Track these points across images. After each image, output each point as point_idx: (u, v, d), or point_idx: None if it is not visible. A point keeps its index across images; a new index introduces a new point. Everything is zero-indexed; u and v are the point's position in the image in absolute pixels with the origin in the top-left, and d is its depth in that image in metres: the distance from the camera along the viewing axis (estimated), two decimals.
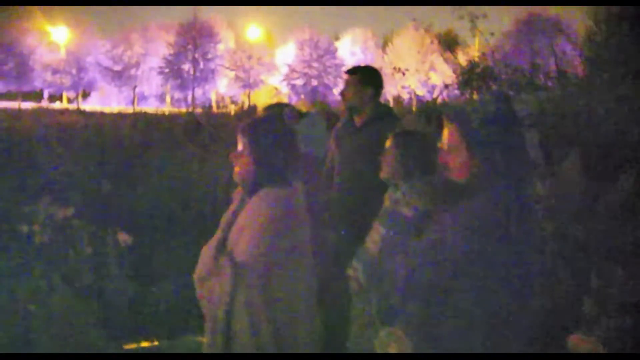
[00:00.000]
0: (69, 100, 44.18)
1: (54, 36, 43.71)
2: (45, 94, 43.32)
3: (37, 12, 40.37)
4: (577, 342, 1.34)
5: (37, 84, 42.73)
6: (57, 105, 34.86)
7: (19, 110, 21.77)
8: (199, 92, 43.51)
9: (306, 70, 44.40)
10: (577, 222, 2.66)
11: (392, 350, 1.73)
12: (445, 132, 1.48)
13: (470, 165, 1.42)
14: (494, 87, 4.48)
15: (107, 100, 44.11)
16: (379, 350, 1.57)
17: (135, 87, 43.37)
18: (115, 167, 5.24)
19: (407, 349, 1.42)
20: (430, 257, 1.37)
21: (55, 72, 42.23)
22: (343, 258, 2.43)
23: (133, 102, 42.29)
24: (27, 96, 40.50)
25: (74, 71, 42.50)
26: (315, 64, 44.44)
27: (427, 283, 1.36)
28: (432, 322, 1.38)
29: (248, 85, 43.84)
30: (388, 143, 2.33)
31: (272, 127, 1.88)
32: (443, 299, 1.35)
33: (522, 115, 1.42)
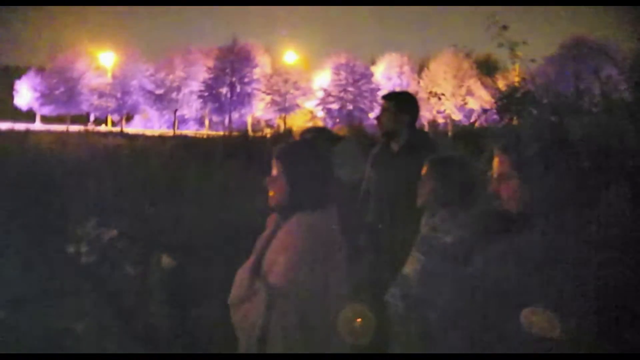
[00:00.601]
0: (114, 123, 46.00)
1: (102, 61, 45.93)
2: (92, 117, 45.27)
3: (86, 38, 42.63)
4: (530, 315, 1.28)
5: (84, 107, 44.75)
6: (102, 128, 36.33)
7: (67, 133, 22.79)
8: (235, 115, 44.51)
9: (342, 94, 44.81)
10: (625, 253, 2.54)
11: (357, 325, 1.70)
12: (496, 161, 1.47)
13: (522, 195, 1.40)
14: (535, 112, 4.38)
15: (149, 123, 45.71)
16: (343, 328, 1.56)
17: (176, 110, 44.75)
18: (156, 189, 5.37)
19: (371, 322, 1.39)
20: (475, 287, 1.35)
21: (101, 95, 44.17)
22: (380, 284, 2.39)
23: (174, 125, 43.62)
24: (74, 119, 42.45)
25: (119, 95, 44.30)
26: (351, 89, 44.82)
27: (471, 312, 1.33)
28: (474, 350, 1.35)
29: (284, 109, 44.54)
30: (424, 170, 2.30)
31: (307, 151, 1.89)
32: (487, 329, 1.31)
33: (574, 141, 1.40)
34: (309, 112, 45.61)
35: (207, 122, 47.03)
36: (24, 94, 44.76)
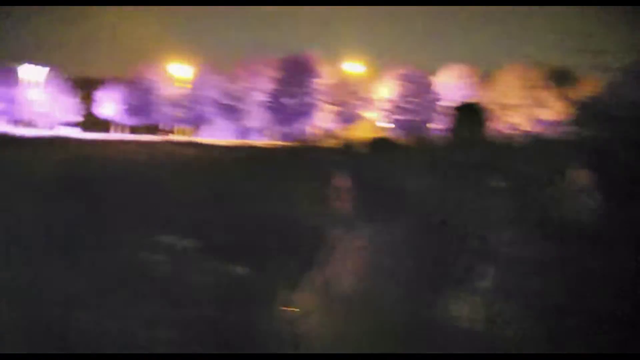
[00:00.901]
0: (185, 133, 48.10)
1: (176, 71, 48.25)
2: (166, 127, 47.60)
3: (161, 49, 45.08)
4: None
5: (159, 117, 47.10)
6: (176, 137, 38.02)
7: (143, 143, 24.00)
8: (299, 126, 45.14)
9: (405, 105, 44.32)
10: None
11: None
12: (573, 175, 1.46)
13: (601, 210, 1.38)
14: (613, 126, 4.14)
15: (218, 133, 47.41)
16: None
17: (243, 120, 46.07)
18: (226, 198, 5.54)
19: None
20: (548, 302, 1.33)
21: (175, 105, 46.35)
22: (448, 295, 2.36)
23: (241, 135, 44.90)
24: (149, 129, 44.84)
25: (191, 105, 46.29)
26: (414, 99, 44.24)
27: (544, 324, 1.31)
28: None
29: (346, 119, 44.64)
30: (494, 183, 2.27)
31: (372, 163, 1.93)
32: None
33: None
34: (371, 122, 45.41)
35: (271, 132, 48.04)
36: (103, 104, 47.78)
